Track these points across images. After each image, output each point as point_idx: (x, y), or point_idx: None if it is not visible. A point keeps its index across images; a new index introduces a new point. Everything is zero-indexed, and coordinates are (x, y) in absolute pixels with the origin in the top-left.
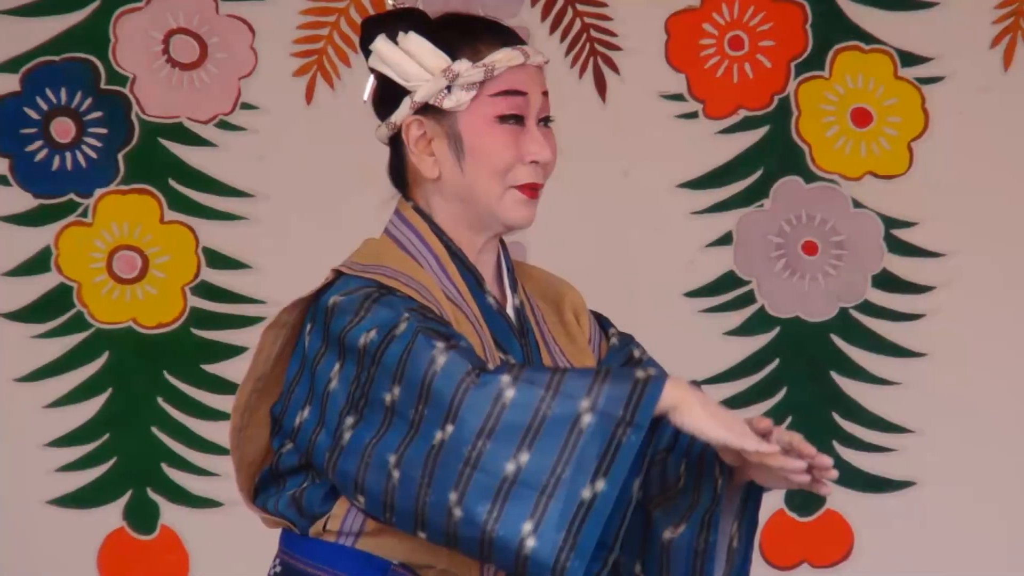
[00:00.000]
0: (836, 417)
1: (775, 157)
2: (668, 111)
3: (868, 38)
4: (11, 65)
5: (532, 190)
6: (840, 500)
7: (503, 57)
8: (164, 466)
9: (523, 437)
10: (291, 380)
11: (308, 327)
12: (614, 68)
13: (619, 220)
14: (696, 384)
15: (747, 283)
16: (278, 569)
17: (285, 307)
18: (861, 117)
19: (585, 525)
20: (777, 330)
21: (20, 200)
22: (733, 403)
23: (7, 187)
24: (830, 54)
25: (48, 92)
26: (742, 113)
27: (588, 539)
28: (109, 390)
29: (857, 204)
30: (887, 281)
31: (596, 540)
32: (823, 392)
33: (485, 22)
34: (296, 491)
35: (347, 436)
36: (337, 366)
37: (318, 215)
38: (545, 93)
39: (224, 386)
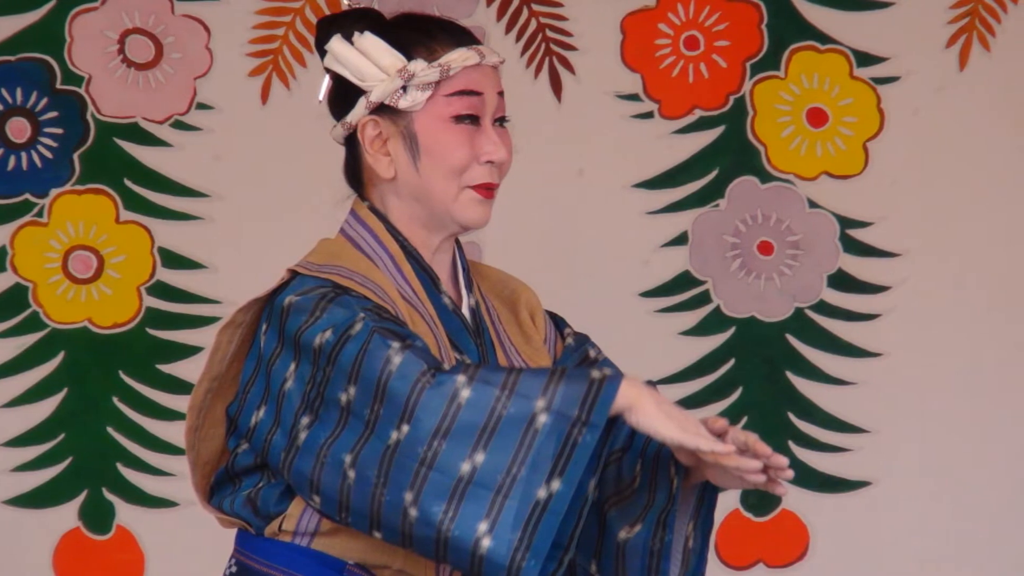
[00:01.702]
0: (791, 417)
1: (730, 157)
2: (623, 111)
3: (823, 38)
4: None
5: (487, 190)
6: (796, 500)
7: (458, 57)
8: (119, 466)
9: (479, 437)
10: (247, 380)
11: (264, 327)
12: (569, 68)
13: (574, 220)
14: (652, 384)
15: (702, 283)
16: (233, 569)
17: (240, 307)
18: (817, 117)
19: (540, 525)
20: (732, 330)
21: None
22: (688, 403)
23: None
24: (785, 54)
25: (3, 92)
26: (697, 113)
27: (543, 539)
28: (64, 390)
29: (813, 204)
30: (843, 281)
31: (551, 540)
32: (778, 392)
33: (440, 22)
34: (251, 491)
35: (303, 436)
36: (293, 366)
37: (273, 215)
38: (501, 93)
39: (179, 386)
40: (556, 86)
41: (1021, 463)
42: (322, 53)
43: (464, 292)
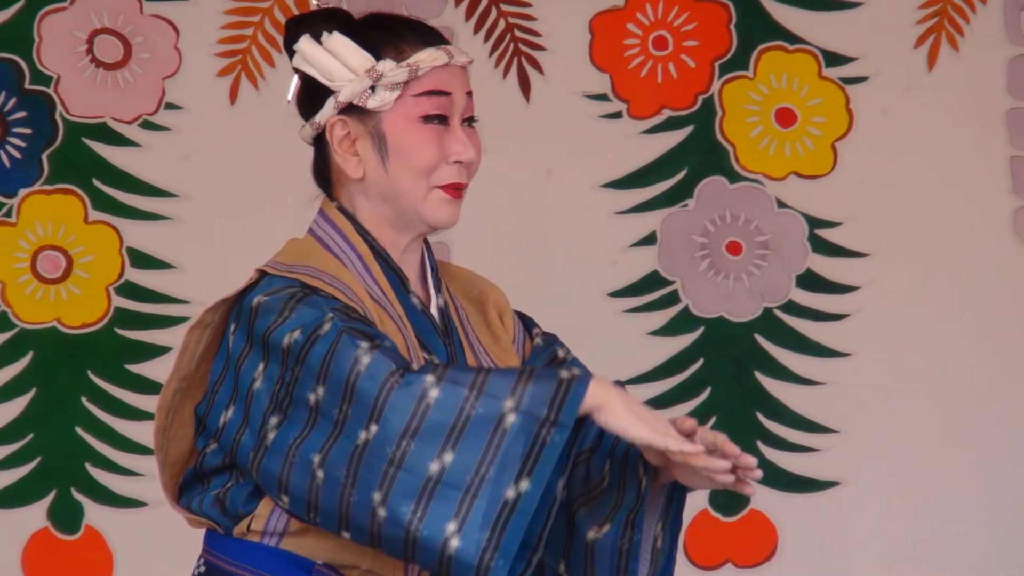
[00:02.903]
0: (760, 417)
1: (699, 157)
2: (592, 111)
3: (792, 38)
4: None
5: (456, 190)
6: (764, 500)
7: (427, 57)
8: (88, 466)
9: (447, 437)
10: (215, 380)
11: (232, 327)
12: (538, 68)
13: (543, 220)
14: (620, 384)
15: (671, 283)
16: (202, 569)
17: (209, 307)
18: (785, 117)
19: (509, 525)
20: (701, 330)
21: None
22: (657, 403)
23: None
24: (754, 54)
25: None
26: (666, 113)
27: (512, 539)
28: (33, 390)
29: (781, 204)
30: (811, 281)
31: (520, 540)
32: (747, 392)
33: (409, 22)
34: (220, 491)
35: (271, 436)
36: (261, 366)
37: (242, 215)
38: (469, 93)
39: (148, 386)
40: (525, 86)
41: (988, 463)
42: (291, 53)
43: (433, 292)
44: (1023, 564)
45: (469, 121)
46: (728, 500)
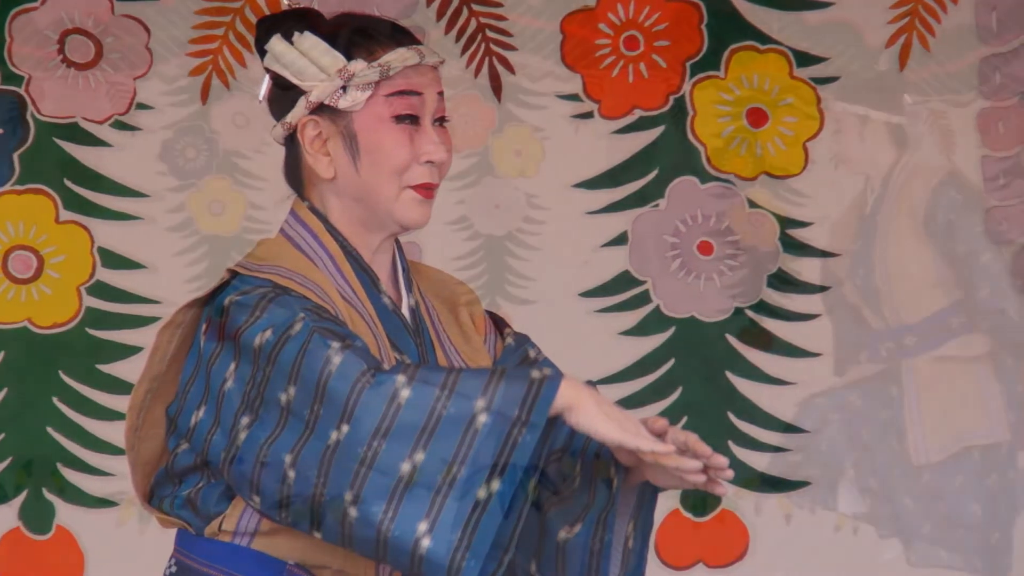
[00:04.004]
0: (731, 417)
1: (670, 157)
2: (564, 111)
3: (763, 38)
4: None
5: (427, 190)
6: (735, 500)
7: (398, 57)
8: (59, 466)
9: (418, 437)
10: (186, 380)
11: (203, 327)
12: (509, 68)
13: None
14: (591, 384)
15: (642, 283)
16: (173, 569)
17: (180, 307)
18: (756, 117)
19: (480, 525)
20: (672, 330)
21: None
22: (628, 403)
23: None
24: (725, 54)
25: None
26: (637, 113)
27: (483, 539)
28: (4, 390)
29: (752, 204)
30: (782, 281)
31: (491, 540)
32: (718, 392)
33: (380, 22)
34: (191, 491)
35: (242, 436)
36: (232, 366)
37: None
38: (441, 93)
39: (119, 386)
40: (496, 86)
41: (962, 462)
42: (262, 53)
43: (404, 292)
44: (998, 564)
45: (440, 121)
46: (699, 500)
